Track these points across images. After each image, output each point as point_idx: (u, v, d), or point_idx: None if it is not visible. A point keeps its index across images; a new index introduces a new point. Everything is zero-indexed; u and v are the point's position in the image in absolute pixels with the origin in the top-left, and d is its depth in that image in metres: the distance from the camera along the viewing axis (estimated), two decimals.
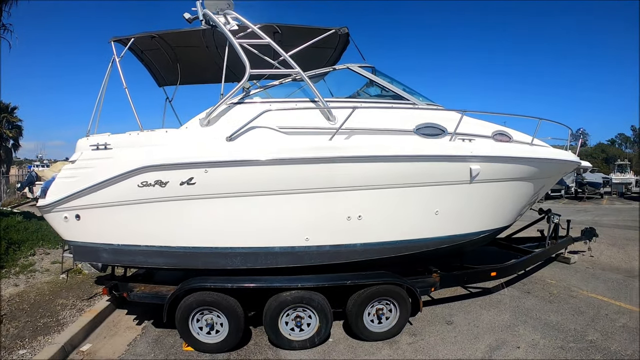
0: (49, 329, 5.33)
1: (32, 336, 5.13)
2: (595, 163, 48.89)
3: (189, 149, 4.84)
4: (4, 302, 6.16)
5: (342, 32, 5.68)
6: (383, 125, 5.21)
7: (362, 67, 5.69)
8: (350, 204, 5.00)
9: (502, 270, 6.58)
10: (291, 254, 5.01)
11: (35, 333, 5.21)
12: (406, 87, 5.78)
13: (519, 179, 5.94)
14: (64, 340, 4.93)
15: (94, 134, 5.29)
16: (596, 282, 7.59)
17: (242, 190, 4.78)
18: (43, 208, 5.11)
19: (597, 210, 20.83)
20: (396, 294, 5.17)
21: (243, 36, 5.35)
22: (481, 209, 5.78)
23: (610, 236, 11.73)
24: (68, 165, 5.16)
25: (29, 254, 8.71)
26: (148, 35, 5.77)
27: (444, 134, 5.34)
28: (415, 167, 5.08)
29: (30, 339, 5.05)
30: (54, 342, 4.92)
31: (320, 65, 6.67)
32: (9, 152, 33.59)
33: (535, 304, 6.37)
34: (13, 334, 5.19)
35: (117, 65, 5.43)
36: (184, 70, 7.05)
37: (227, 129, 4.90)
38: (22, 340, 5.03)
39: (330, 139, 4.91)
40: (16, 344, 4.92)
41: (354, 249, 5.13)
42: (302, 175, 4.81)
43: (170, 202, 4.81)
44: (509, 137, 5.85)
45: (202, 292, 4.86)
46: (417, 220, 5.33)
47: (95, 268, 6.09)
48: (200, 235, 4.92)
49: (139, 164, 4.75)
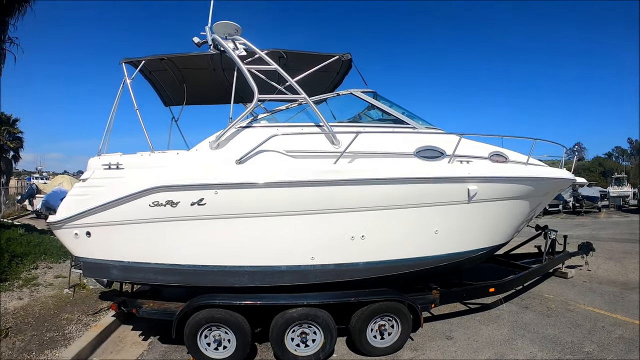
0: (55, 343, 5.38)
1: (39, 350, 5.18)
2: (593, 177, 49.28)
3: (200, 170, 5.01)
4: (9, 315, 6.20)
5: (345, 59, 5.91)
6: (385, 148, 5.41)
7: (364, 92, 5.92)
8: (354, 225, 5.16)
9: (501, 286, 6.72)
10: (297, 273, 5.15)
11: (41, 347, 5.27)
12: (406, 111, 6.00)
13: (515, 197, 6.11)
14: (72, 355, 5.00)
15: (105, 154, 5.42)
16: (593, 295, 7.74)
17: (250, 211, 4.95)
18: (54, 224, 5.20)
19: (595, 224, 20.98)
20: (398, 310, 5.31)
21: (251, 62, 5.56)
22: (479, 228, 5.95)
23: (607, 250, 11.84)
24: (79, 184, 5.31)
25: (32, 268, 8.73)
26: (158, 58, 5.93)
27: (443, 156, 5.54)
28: (416, 188, 5.26)
29: (37, 353, 5.11)
30: (61, 357, 4.99)
31: (322, 87, 6.88)
32: (9, 163, 33.57)
33: (533, 318, 6.50)
34: (19, 347, 5.24)
35: (129, 86, 5.59)
36: (190, 91, 7.19)
37: (237, 152, 5.09)
38: (29, 353, 5.08)
39: (335, 163, 5.10)
40: (23, 357, 4.99)
41: (357, 268, 5.28)
42: (309, 197, 4.98)
43: (181, 221, 4.95)
44: (505, 158, 6.04)
45: (210, 308, 4.98)
46: (417, 239, 5.49)
47: (100, 284, 6.16)
48: (209, 253, 5.06)
49: (151, 184, 4.89)
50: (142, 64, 5.80)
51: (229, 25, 5.81)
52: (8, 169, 32.82)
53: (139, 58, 5.76)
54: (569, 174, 7.28)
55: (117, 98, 5.69)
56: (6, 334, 5.53)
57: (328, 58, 5.85)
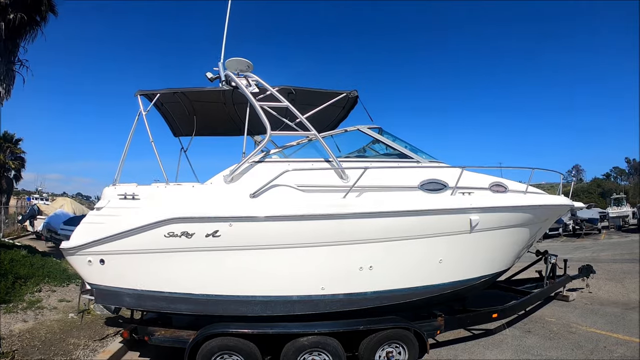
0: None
1: None
2: (592, 198, 49.52)
3: (215, 203, 5.21)
4: (15, 338, 6.23)
5: (352, 96, 6.23)
6: (390, 182, 5.67)
7: (370, 128, 6.22)
8: (362, 256, 5.35)
9: (503, 311, 6.86)
10: (308, 302, 5.30)
11: None
12: (410, 145, 6.29)
13: (516, 225, 6.32)
14: None
15: (120, 184, 5.51)
16: (595, 317, 7.83)
17: (263, 243, 5.13)
18: (67, 250, 5.23)
19: (595, 246, 21.05)
20: (405, 337, 5.46)
21: (262, 98, 5.83)
22: (481, 256, 6.14)
23: (607, 271, 11.95)
24: (94, 212, 5.41)
25: (35, 290, 8.73)
26: (172, 91, 6.10)
27: (446, 188, 5.79)
28: (421, 220, 5.48)
29: None
30: None
31: (328, 121, 7.18)
32: (10, 182, 33.72)
33: (536, 342, 6.59)
34: None
35: (144, 118, 5.76)
36: (200, 122, 7.35)
37: (250, 186, 5.31)
38: None
39: (344, 197, 5.34)
40: None
41: (365, 297, 5.43)
42: (319, 230, 5.18)
43: (196, 252, 5.09)
44: (504, 188, 6.28)
45: (223, 337, 5.09)
46: (423, 269, 5.68)
47: (107, 310, 6.17)
48: (223, 283, 5.20)
49: (167, 215, 5.01)
50: (157, 97, 5.98)
51: (241, 61, 6.11)
52: (9, 188, 32.97)
53: (154, 91, 5.94)
54: (567, 200, 7.49)
55: (132, 129, 5.81)
56: (12, 356, 5.57)
57: (336, 95, 6.16)
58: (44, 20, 14.12)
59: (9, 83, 13.58)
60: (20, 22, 13.04)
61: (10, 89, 13.69)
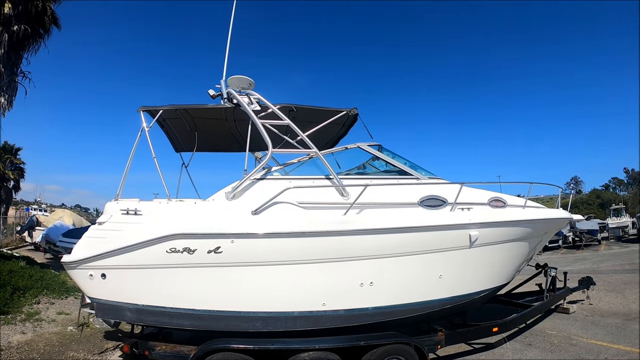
0: None
1: None
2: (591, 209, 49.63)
3: (217, 220, 5.25)
4: (14, 350, 6.22)
5: (352, 114, 6.32)
6: (391, 199, 5.72)
7: (370, 146, 6.29)
8: (362, 272, 5.38)
9: (504, 325, 6.87)
10: (309, 318, 5.32)
11: None
12: (410, 163, 6.36)
13: (515, 240, 6.37)
14: None
15: (123, 199, 5.55)
16: (595, 328, 7.84)
17: (265, 260, 5.17)
18: (69, 264, 5.24)
19: (595, 257, 21.02)
20: (405, 352, 5.45)
21: (264, 116, 5.91)
22: (481, 270, 6.17)
23: (608, 282, 11.97)
24: (96, 226, 5.42)
25: (34, 302, 8.74)
26: (174, 108, 6.19)
27: (445, 204, 5.84)
28: (421, 236, 5.54)
29: None
30: None
31: (328, 138, 7.28)
32: (9, 192, 33.69)
33: (537, 355, 6.61)
34: None
35: (146, 134, 5.81)
36: (201, 138, 7.41)
37: (252, 203, 5.36)
38: None
39: (345, 214, 5.40)
40: None
41: (366, 312, 5.45)
42: (320, 247, 5.23)
43: (197, 268, 5.11)
44: (503, 203, 6.33)
45: (225, 352, 5.08)
46: (423, 284, 5.71)
47: (107, 324, 6.15)
48: (224, 299, 5.21)
49: (169, 231, 5.05)
50: (160, 114, 6.05)
51: (242, 79, 6.21)
52: (8, 199, 32.92)
53: (156, 107, 6.01)
54: (566, 213, 7.54)
55: (135, 145, 5.86)
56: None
57: (336, 113, 6.25)
58: (48, 33, 14.32)
59: (11, 94, 13.72)
60: (24, 34, 13.22)
61: (12, 100, 13.82)
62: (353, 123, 6.96)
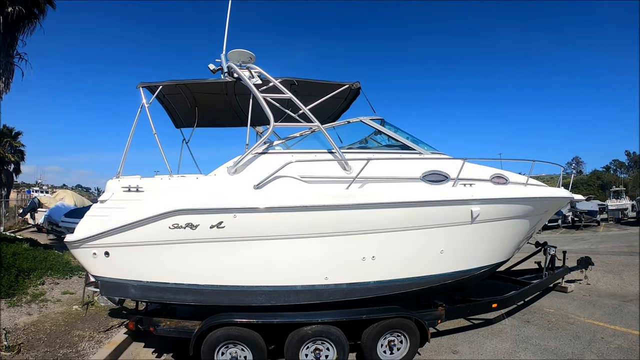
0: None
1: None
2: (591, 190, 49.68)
3: (219, 195, 5.23)
4: (20, 331, 6.24)
5: (354, 87, 6.25)
6: (393, 173, 5.70)
7: (373, 120, 6.23)
8: (365, 246, 5.41)
9: (503, 301, 6.95)
10: (311, 292, 5.37)
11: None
12: (412, 137, 6.31)
13: (516, 217, 6.38)
14: None
15: (124, 176, 5.50)
16: (593, 308, 7.94)
17: (268, 234, 5.18)
18: (72, 243, 5.23)
19: (594, 238, 21.17)
20: (406, 326, 5.54)
21: (265, 90, 5.84)
22: (482, 247, 6.21)
23: (606, 263, 12.04)
24: (98, 205, 5.40)
25: (39, 283, 8.73)
26: (174, 83, 6.08)
27: (447, 180, 5.83)
28: (423, 211, 5.53)
29: None
30: None
31: (329, 112, 7.20)
32: (10, 176, 33.70)
33: (534, 332, 6.71)
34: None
35: (147, 110, 5.72)
36: (202, 114, 7.35)
37: (254, 177, 5.34)
38: None
39: (347, 188, 5.39)
40: None
41: (367, 287, 5.50)
42: (323, 221, 5.23)
43: (200, 243, 5.12)
44: (505, 179, 6.32)
45: (228, 326, 5.16)
46: (424, 259, 5.75)
47: (111, 302, 6.21)
48: (227, 274, 5.25)
49: (172, 207, 5.02)
50: (160, 90, 5.96)
51: (243, 53, 6.09)
52: (9, 182, 32.95)
53: (156, 83, 5.91)
54: (567, 192, 7.54)
55: (135, 122, 5.77)
56: (18, 350, 5.59)
57: (338, 87, 6.17)
58: (43, 13, 14.04)
59: (8, 77, 13.52)
60: (19, 16, 12.97)
61: (9, 83, 13.63)
62: (355, 97, 6.88)
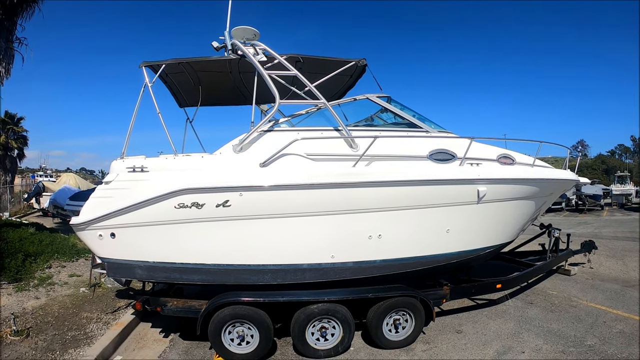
0: (78, 342, 5.48)
1: (63, 349, 5.27)
2: (596, 174, 49.38)
3: (224, 173, 5.19)
4: (28, 315, 6.27)
5: (361, 64, 6.13)
6: (400, 151, 5.63)
7: (379, 97, 6.12)
8: (371, 225, 5.39)
9: (507, 282, 6.98)
10: (318, 270, 5.37)
11: (65, 346, 5.36)
12: (419, 115, 6.22)
13: (521, 198, 6.34)
14: (96, 353, 5.13)
15: (128, 157, 5.44)
16: (595, 292, 7.98)
17: (274, 212, 5.15)
18: (77, 226, 5.20)
19: (597, 222, 21.18)
20: (412, 305, 5.58)
21: (270, 67, 5.73)
22: (487, 227, 6.19)
23: (609, 248, 12.06)
24: (103, 186, 5.34)
25: (46, 267, 8.80)
26: (177, 62, 5.94)
27: (454, 159, 5.78)
28: (429, 190, 5.50)
29: (61, 352, 5.19)
30: (85, 355, 5.10)
31: (335, 89, 7.07)
32: (13, 161, 33.79)
33: (537, 314, 6.76)
34: (42, 346, 5.31)
35: (150, 90, 5.61)
36: (205, 92, 7.21)
37: (260, 155, 5.29)
38: (52, 353, 5.14)
39: (354, 166, 5.34)
40: (47, 357, 5.03)
41: (373, 265, 5.51)
42: (329, 199, 5.20)
43: (206, 222, 5.10)
44: (512, 160, 6.27)
45: (235, 305, 5.19)
46: (430, 238, 5.73)
47: (118, 283, 6.23)
48: (234, 253, 5.24)
49: (177, 186, 4.98)
50: (163, 69, 5.80)
51: (247, 30, 5.94)
52: (13, 167, 33.08)
53: (159, 62, 5.78)
54: (573, 175, 7.49)
55: (138, 101, 5.65)
56: (27, 334, 5.61)
57: (344, 64, 6.04)
58: None
59: (8, 62, 13.36)
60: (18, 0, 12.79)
61: (9, 68, 13.48)
62: (361, 74, 6.75)
